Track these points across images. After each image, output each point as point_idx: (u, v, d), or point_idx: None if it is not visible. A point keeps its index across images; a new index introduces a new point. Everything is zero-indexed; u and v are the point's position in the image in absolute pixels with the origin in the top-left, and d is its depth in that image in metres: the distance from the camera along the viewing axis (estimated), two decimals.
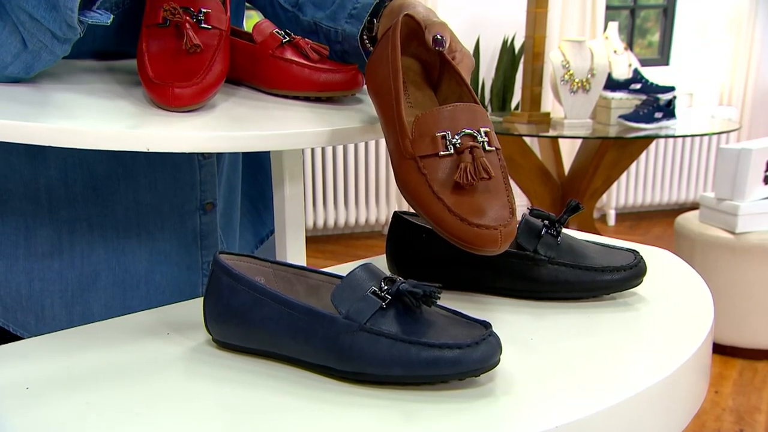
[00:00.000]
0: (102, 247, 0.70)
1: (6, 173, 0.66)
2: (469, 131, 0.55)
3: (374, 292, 0.49)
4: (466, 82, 0.62)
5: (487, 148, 0.55)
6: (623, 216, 4.09)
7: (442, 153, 0.54)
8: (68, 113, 0.55)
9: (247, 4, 0.81)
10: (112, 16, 0.56)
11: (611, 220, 3.98)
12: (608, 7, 3.89)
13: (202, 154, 0.73)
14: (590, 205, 2.78)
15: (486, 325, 0.49)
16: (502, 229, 0.52)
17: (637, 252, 0.64)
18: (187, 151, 0.55)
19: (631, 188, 3.97)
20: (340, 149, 3.47)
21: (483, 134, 0.55)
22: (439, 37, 0.61)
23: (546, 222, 0.64)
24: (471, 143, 0.54)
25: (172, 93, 0.58)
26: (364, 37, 0.69)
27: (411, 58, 0.65)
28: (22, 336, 0.68)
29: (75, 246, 0.69)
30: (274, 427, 0.44)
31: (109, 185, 0.69)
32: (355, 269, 0.51)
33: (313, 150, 3.43)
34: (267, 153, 0.68)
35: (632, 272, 0.62)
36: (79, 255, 0.69)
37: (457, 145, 0.54)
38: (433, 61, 0.64)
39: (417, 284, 0.49)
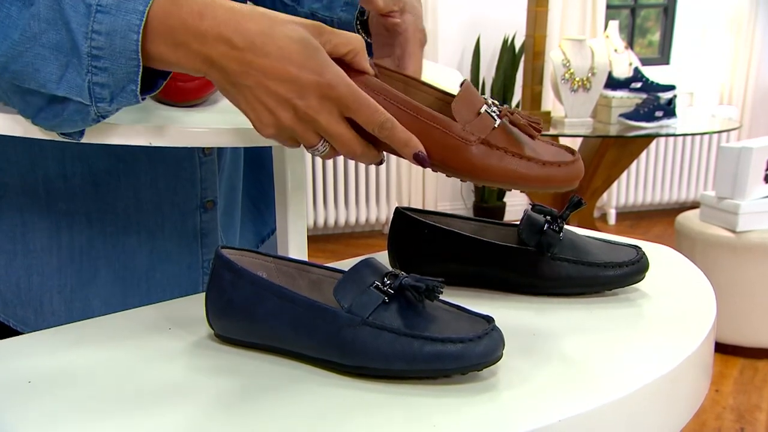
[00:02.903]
0: (101, 244, 0.70)
1: (3, 166, 0.66)
2: (491, 100, 0.55)
3: (377, 287, 0.49)
4: (431, 85, 0.59)
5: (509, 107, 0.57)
6: (624, 215, 4.09)
7: (496, 125, 0.54)
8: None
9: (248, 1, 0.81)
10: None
11: (612, 219, 3.98)
12: (609, 6, 3.89)
13: (203, 151, 0.73)
14: (591, 204, 2.78)
15: (489, 320, 0.49)
16: (579, 156, 0.55)
17: (640, 248, 0.64)
18: (189, 146, 0.55)
19: (631, 187, 3.97)
20: None
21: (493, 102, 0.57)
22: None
23: (548, 218, 0.64)
24: (504, 107, 0.55)
25: (174, 87, 0.58)
26: (357, 23, 0.70)
27: None
28: (22, 331, 0.68)
29: (74, 241, 0.68)
30: (276, 421, 0.44)
31: (109, 181, 0.69)
32: (357, 264, 0.51)
33: None
34: (269, 152, 0.68)
35: (634, 268, 0.62)
36: (78, 251, 0.69)
37: (498, 113, 0.55)
38: (394, 79, 0.59)
39: (420, 278, 0.49)
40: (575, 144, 3.08)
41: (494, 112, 0.54)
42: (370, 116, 0.50)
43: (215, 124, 0.56)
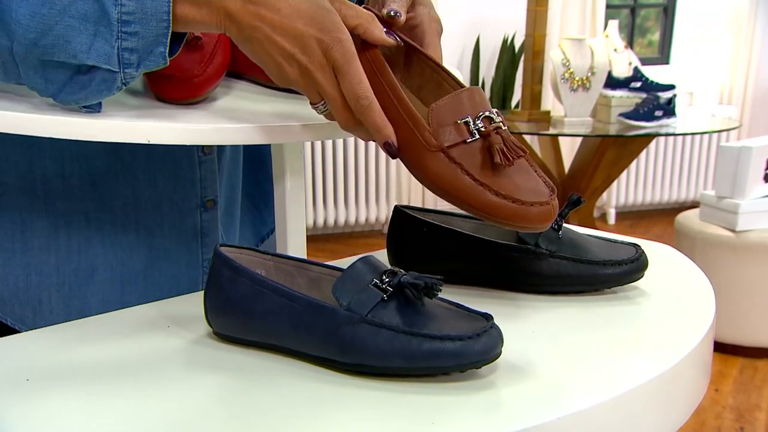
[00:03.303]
0: (99, 242, 0.69)
1: (1, 165, 0.66)
2: (487, 113, 0.54)
3: (375, 284, 0.49)
4: (441, 65, 0.59)
5: (503, 127, 0.54)
6: (623, 215, 4.09)
7: (469, 140, 0.53)
8: (68, 107, 0.55)
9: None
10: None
11: (611, 219, 3.98)
12: (608, 6, 3.89)
13: (202, 150, 0.73)
14: (590, 203, 2.78)
15: (487, 317, 0.49)
16: (552, 203, 0.52)
17: (639, 246, 0.64)
18: (187, 143, 0.55)
19: (631, 187, 3.97)
20: (340, 148, 3.47)
21: (496, 114, 0.55)
22: (392, 12, 0.58)
23: None
24: (493, 124, 0.53)
25: (172, 85, 0.58)
26: None
27: None
28: (20, 330, 0.68)
29: (72, 240, 0.68)
30: (274, 418, 0.44)
31: (108, 180, 0.69)
32: (356, 261, 0.51)
33: (313, 148, 3.43)
34: (268, 150, 0.68)
35: (633, 266, 0.62)
36: (76, 249, 0.69)
37: (482, 129, 0.53)
38: (392, 52, 0.60)
39: (418, 276, 0.49)
40: (575, 143, 3.08)
41: (478, 127, 0.53)
42: (352, 87, 0.52)
43: (214, 122, 0.56)
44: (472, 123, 0.53)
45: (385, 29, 0.56)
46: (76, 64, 0.51)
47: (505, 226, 0.52)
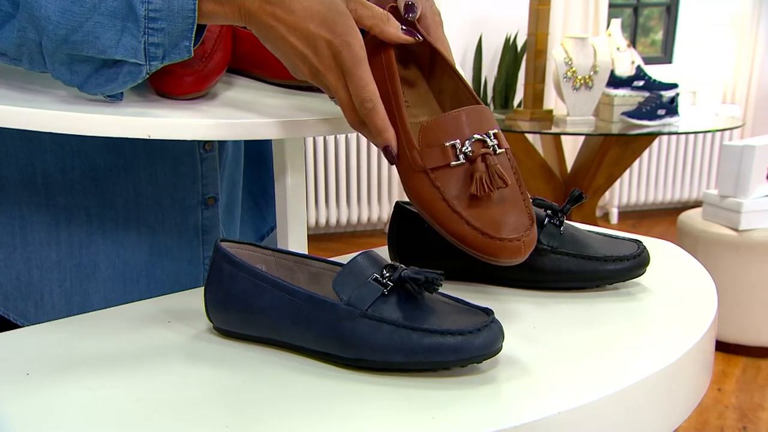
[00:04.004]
0: (101, 239, 0.69)
1: (1, 158, 0.66)
2: (479, 137, 0.53)
3: (376, 279, 0.49)
4: (459, 73, 0.59)
5: (498, 150, 0.54)
6: (626, 214, 4.08)
7: (453, 163, 0.52)
8: (68, 100, 0.55)
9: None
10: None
11: (614, 218, 3.98)
12: (611, 5, 3.88)
13: (204, 147, 0.73)
14: (593, 202, 2.77)
15: (488, 312, 0.49)
16: (524, 239, 0.51)
17: (641, 242, 0.64)
18: (188, 139, 0.55)
19: (633, 186, 3.96)
20: (342, 147, 3.47)
21: (492, 137, 0.54)
22: (410, 2, 0.58)
23: (549, 212, 0.63)
24: (482, 150, 0.52)
25: (173, 81, 0.58)
26: None
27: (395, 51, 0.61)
28: (22, 326, 0.68)
29: (73, 236, 0.68)
30: (274, 413, 0.44)
31: (109, 177, 0.69)
32: (356, 256, 0.51)
33: (315, 147, 3.43)
34: (269, 148, 0.67)
35: (635, 262, 0.62)
36: (77, 245, 0.69)
37: (469, 154, 0.52)
38: (422, 51, 0.61)
39: (419, 271, 0.49)
40: (577, 142, 3.07)
41: (465, 151, 0.52)
42: (358, 89, 0.53)
43: (214, 118, 0.56)
44: (459, 146, 0.53)
45: (403, 27, 0.56)
46: (103, 58, 0.53)
47: (475, 256, 0.52)
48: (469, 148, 0.53)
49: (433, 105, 0.60)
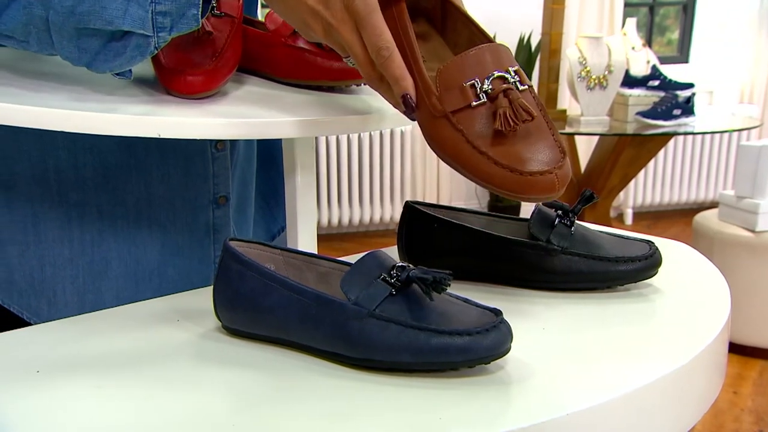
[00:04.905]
0: (112, 237, 0.70)
1: (14, 155, 0.66)
2: (499, 73, 0.50)
3: (384, 279, 0.49)
4: (473, 20, 0.57)
5: (520, 87, 0.51)
6: (641, 215, 4.05)
7: (474, 103, 0.50)
8: (80, 99, 0.56)
9: (262, 1, 0.81)
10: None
11: (628, 219, 3.95)
12: (627, 4, 3.86)
13: (215, 146, 0.73)
14: (607, 203, 2.75)
15: (496, 313, 0.49)
16: (557, 172, 0.48)
17: (653, 243, 0.63)
18: (198, 138, 0.55)
19: (648, 186, 3.93)
20: (355, 146, 3.47)
21: (513, 73, 0.51)
22: None
23: (559, 212, 0.63)
24: (504, 86, 0.50)
25: (184, 80, 0.58)
26: None
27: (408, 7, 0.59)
28: (35, 324, 0.68)
29: (85, 233, 0.69)
30: (282, 412, 0.44)
31: (120, 175, 0.69)
32: (364, 256, 0.51)
33: (327, 147, 3.43)
34: (279, 147, 0.68)
35: (647, 263, 0.61)
36: (89, 243, 0.69)
37: (489, 92, 0.50)
38: (432, 5, 0.59)
39: (427, 270, 0.48)
40: (591, 142, 3.05)
41: (485, 89, 0.50)
42: (374, 37, 0.51)
43: (225, 117, 0.56)
44: (479, 85, 0.50)
45: None
46: (111, 30, 0.52)
47: (507, 197, 0.50)
48: (490, 86, 0.50)
49: (449, 57, 0.58)
